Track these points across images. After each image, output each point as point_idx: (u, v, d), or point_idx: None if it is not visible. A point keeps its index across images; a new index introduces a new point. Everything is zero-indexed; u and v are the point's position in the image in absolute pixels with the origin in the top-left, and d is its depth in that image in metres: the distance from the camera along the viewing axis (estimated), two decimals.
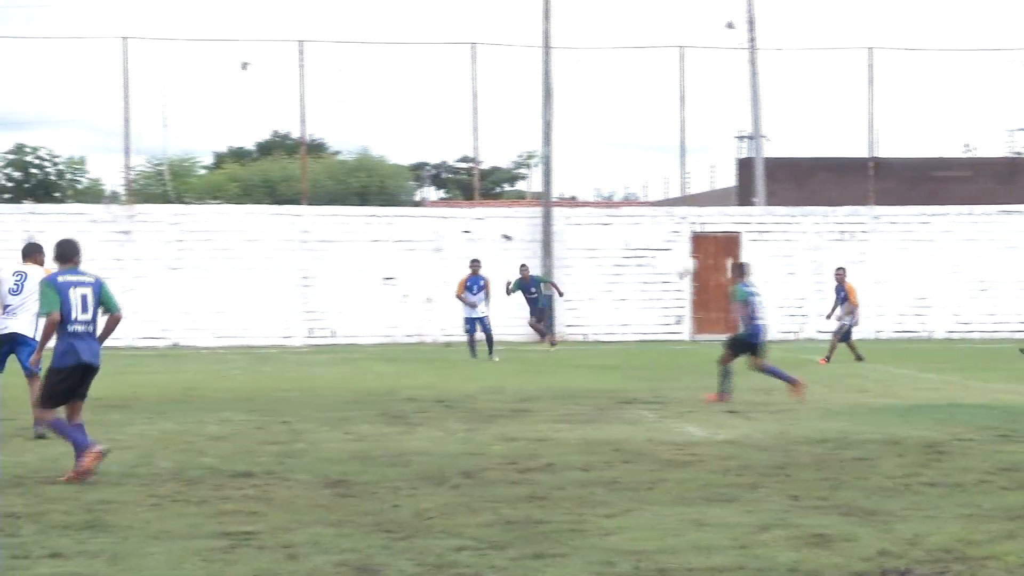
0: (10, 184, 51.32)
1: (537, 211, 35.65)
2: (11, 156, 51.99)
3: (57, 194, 50.37)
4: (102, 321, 11.31)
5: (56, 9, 75.23)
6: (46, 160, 52.40)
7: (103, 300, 11.22)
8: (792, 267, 35.83)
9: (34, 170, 51.98)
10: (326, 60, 39.43)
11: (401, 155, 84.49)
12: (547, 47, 35.41)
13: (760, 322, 17.88)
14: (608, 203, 55.81)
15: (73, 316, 10.97)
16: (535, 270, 32.44)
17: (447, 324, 32.91)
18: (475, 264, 28.12)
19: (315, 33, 69.37)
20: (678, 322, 35.45)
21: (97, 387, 19.76)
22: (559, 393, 18.89)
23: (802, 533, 8.60)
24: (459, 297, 27.97)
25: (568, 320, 34.86)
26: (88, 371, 11.19)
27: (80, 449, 10.89)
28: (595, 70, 47.97)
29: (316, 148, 54.74)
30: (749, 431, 14.33)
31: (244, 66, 36.98)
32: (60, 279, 11.10)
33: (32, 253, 14.15)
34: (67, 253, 11.36)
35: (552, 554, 8.05)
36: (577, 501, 9.89)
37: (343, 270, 34.19)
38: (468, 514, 9.35)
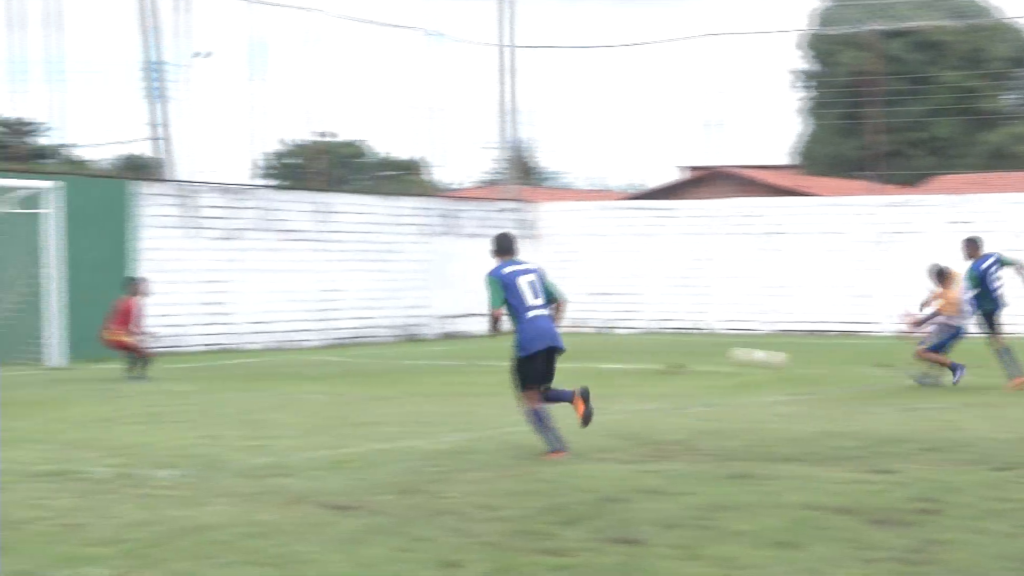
0: None
1: None
2: None
3: None
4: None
5: None
6: None
7: (547, 287, 11.54)
8: None
9: None
10: None
11: None
12: None
13: None
14: None
15: (528, 303, 11.25)
16: None
17: None
18: None
19: None
20: None
21: None
22: None
23: None
24: None
25: None
26: (553, 352, 11.36)
27: (553, 445, 11.20)
28: None
29: None
30: None
31: None
32: (505, 271, 11.41)
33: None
34: (506, 246, 11.64)
35: None
36: None
37: None
38: None
